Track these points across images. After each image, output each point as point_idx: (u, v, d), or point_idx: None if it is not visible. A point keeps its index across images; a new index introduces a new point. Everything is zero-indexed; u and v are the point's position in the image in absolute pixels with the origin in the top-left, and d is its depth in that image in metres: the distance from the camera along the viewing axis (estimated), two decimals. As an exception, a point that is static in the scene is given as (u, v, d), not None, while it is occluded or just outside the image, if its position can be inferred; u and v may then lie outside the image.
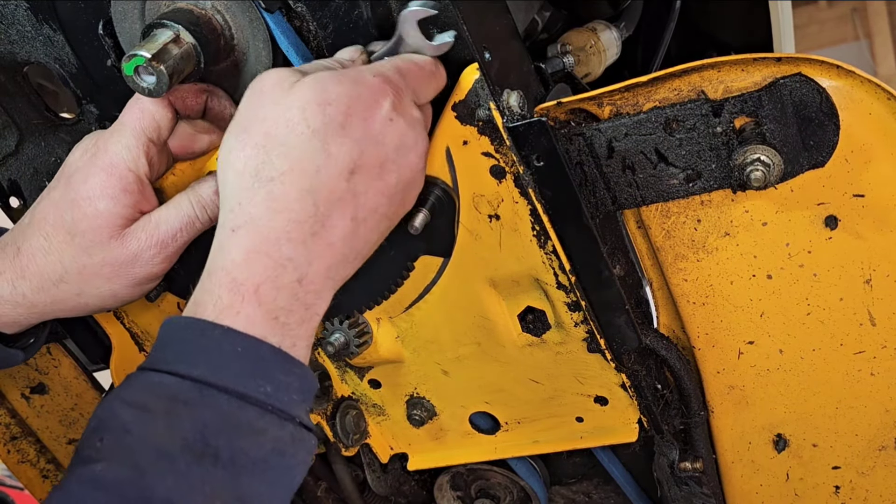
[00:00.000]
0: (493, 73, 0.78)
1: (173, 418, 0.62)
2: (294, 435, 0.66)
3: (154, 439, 0.61)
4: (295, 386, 0.67)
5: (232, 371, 0.65)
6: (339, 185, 0.69)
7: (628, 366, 0.93)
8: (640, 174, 0.81)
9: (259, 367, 0.65)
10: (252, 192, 0.68)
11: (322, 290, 0.70)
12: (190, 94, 0.83)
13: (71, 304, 0.84)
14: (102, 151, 0.81)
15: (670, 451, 1.02)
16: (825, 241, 0.82)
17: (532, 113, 0.79)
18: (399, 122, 0.72)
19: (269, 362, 0.66)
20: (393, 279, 0.90)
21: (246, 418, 0.64)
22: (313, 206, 0.68)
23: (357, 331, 0.95)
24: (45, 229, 0.82)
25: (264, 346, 0.66)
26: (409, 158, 0.73)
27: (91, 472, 0.61)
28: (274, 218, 0.68)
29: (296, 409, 0.67)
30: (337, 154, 0.69)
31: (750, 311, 0.88)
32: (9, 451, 1.19)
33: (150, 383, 0.65)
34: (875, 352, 0.87)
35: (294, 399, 0.67)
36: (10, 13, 0.88)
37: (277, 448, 0.65)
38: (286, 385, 0.66)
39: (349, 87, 0.70)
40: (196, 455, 0.61)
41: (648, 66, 1.21)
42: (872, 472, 0.96)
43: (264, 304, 0.67)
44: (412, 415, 1.05)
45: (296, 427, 0.67)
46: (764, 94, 0.75)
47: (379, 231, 0.74)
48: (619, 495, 1.19)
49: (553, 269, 0.86)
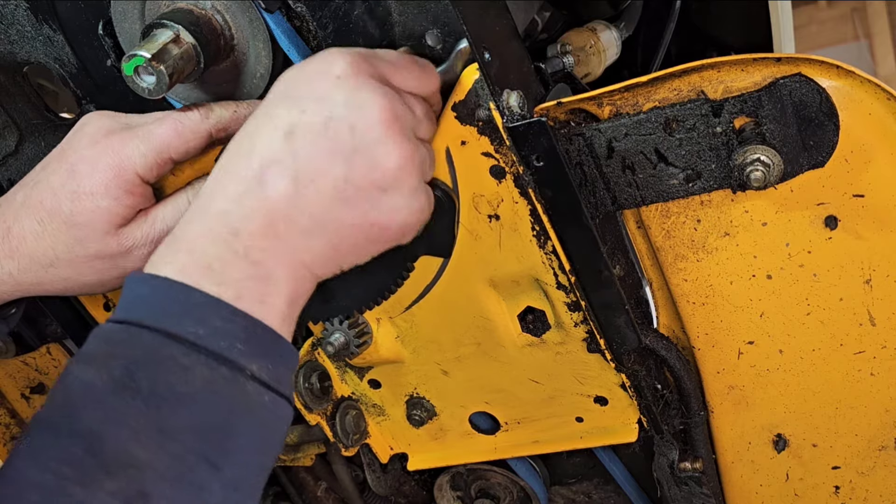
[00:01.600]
0: (493, 73, 0.78)
1: (106, 359, 0.64)
2: (227, 377, 0.65)
3: (85, 377, 0.63)
4: (240, 336, 0.66)
5: (161, 312, 0.66)
6: (274, 144, 0.70)
7: (628, 366, 0.93)
8: (639, 174, 0.81)
9: (190, 311, 0.66)
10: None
11: (270, 249, 0.69)
12: (234, 125, 0.84)
13: (57, 287, 0.85)
14: (115, 150, 0.81)
15: (670, 451, 1.02)
16: (825, 241, 0.82)
17: (532, 113, 0.79)
18: (347, 83, 0.70)
19: (203, 307, 0.66)
20: (393, 279, 0.90)
21: (170, 353, 0.64)
22: (247, 163, 0.70)
23: (357, 331, 0.95)
24: (40, 214, 0.81)
25: (196, 293, 0.66)
26: (364, 116, 0.70)
27: (34, 416, 0.64)
28: (214, 176, 0.71)
29: (242, 358, 0.66)
30: (275, 114, 0.70)
31: (750, 312, 0.88)
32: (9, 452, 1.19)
33: (95, 334, 0.67)
34: (875, 352, 0.87)
35: (239, 348, 0.66)
36: (10, 13, 0.88)
37: (210, 388, 0.64)
38: (225, 332, 0.66)
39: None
40: (120, 388, 0.62)
41: (648, 66, 1.21)
42: (872, 472, 0.96)
43: (195, 252, 0.68)
44: (412, 415, 1.05)
45: (235, 373, 0.65)
46: (764, 95, 0.75)
47: (339, 201, 0.71)
48: (619, 495, 1.19)
49: (553, 269, 0.86)
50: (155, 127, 0.82)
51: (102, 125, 0.83)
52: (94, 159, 0.81)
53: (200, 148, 0.83)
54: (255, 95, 0.84)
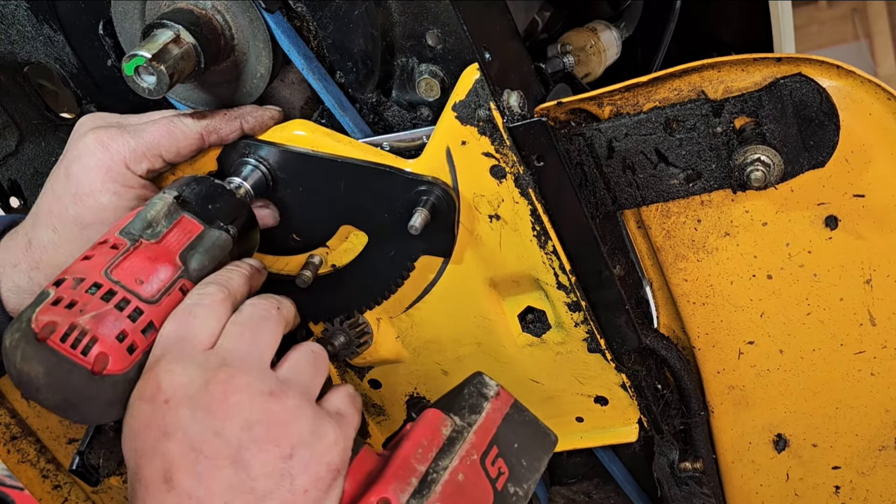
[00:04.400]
0: (493, 73, 0.78)
1: None
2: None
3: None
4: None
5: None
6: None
7: (628, 366, 0.93)
8: (640, 174, 0.81)
9: None
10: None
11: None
12: (224, 127, 0.84)
13: None
14: (104, 146, 0.81)
15: (670, 451, 1.02)
16: (825, 241, 0.82)
17: (532, 113, 0.79)
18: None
19: None
20: (393, 279, 0.90)
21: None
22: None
23: (357, 331, 0.95)
24: (52, 222, 0.82)
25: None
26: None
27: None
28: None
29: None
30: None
31: (750, 312, 0.88)
32: (9, 451, 1.19)
33: None
34: (875, 352, 0.87)
35: None
36: (10, 13, 0.88)
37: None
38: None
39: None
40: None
41: (648, 66, 1.21)
42: (872, 472, 0.96)
43: None
44: (412, 415, 1.05)
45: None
46: (764, 95, 0.75)
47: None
48: (619, 495, 1.19)
49: (553, 269, 0.86)
50: (147, 126, 0.82)
51: (94, 125, 0.83)
52: (85, 159, 0.81)
53: (193, 150, 0.83)
54: (256, 95, 0.84)
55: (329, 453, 0.68)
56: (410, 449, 0.71)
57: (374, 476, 0.70)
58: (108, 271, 0.70)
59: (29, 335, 0.66)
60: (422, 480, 0.70)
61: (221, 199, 0.79)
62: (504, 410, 0.78)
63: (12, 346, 0.66)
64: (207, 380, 0.66)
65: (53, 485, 1.22)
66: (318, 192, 0.86)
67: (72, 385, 0.66)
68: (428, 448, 0.72)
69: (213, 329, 0.70)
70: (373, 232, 0.87)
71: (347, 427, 0.71)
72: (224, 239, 0.77)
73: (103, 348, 0.66)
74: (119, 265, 0.70)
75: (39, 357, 0.65)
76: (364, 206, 0.86)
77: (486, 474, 0.72)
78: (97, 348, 0.66)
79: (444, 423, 0.74)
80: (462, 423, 0.74)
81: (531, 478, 0.76)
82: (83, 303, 0.67)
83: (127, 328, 0.68)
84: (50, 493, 1.22)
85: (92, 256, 0.71)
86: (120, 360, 0.67)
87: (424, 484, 0.69)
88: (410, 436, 0.73)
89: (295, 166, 0.85)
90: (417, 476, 0.70)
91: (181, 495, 0.64)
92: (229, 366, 0.68)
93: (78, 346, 0.66)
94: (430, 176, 0.82)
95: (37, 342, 0.65)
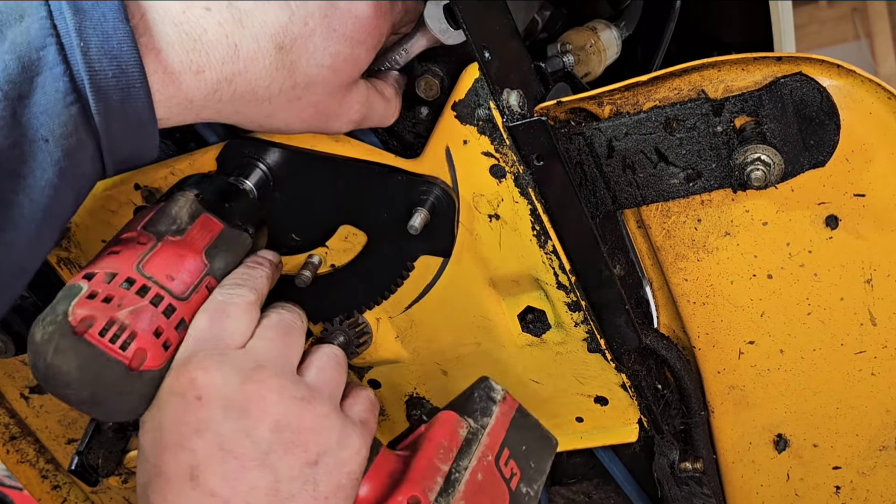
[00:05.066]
0: (493, 72, 0.77)
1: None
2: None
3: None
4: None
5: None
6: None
7: (628, 366, 0.93)
8: (640, 174, 0.81)
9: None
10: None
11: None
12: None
13: (249, 119, 0.73)
14: None
15: (670, 451, 1.02)
16: (826, 240, 0.82)
17: (532, 112, 0.79)
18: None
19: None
20: (393, 279, 0.90)
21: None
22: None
23: (356, 331, 0.95)
24: None
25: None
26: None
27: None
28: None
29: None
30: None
31: (750, 311, 0.88)
32: (8, 451, 1.19)
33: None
34: (876, 352, 0.87)
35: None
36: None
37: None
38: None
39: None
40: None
41: (648, 65, 1.21)
42: (873, 472, 0.96)
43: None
44: (412, 415, 1.05)
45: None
46: (764, 94, 0.74)
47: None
48: (619, 495, 1.19)
49: (553, 268, 0.86)
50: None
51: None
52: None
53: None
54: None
55: (351, 462, 0.69)
56: (433, 449, 0.73)
57: (398, 476, 0.71)
58: (139, 266, 0.70)
59: (65, 329, 0.65)
60: (446, 480, 0.71)
61: (237, 198, 0.80)
62: (511, 414, 0.79)
63: (45, 339, 0.65)
64: (243, 380, 0.67)
65: (52, 485, 1.23)
66: (318, 192, 0.86)
67: (105, 380, 0.65)
68: (448, 448, 0.73)
69: (244, 330, 0.71)
70: (372, 232, 0.87)
71: (369, 436, 0.72)
72: (246, 239, 0.77)
73: (141, 344, 0.66)
74: (150, 260, 0.70)
75: (75, 351, 0.64)
76: (363, 205, 0.86)
77: (501, 475, 0.74)
78: (136, 344, 0.66)
79: (461, 424, 0.76)
80: (476, 426, 0.76)
81: (539, 479, 0.77)
82: (119, 298, 0.67)
83: (162, 324, 0.68)
84: (49, 494, 1.22)
85: (119, 251, 0.71)
86: (156, 356, 0.67)
87: (449, 483, 0.71)
88: (430, 436, 0.74)
89: (294, 165, 0.85)
90: (442, 475, 0.71)
91: (205, 493, 0.64)
92: (264, 368, 0.68)
93: (117, 342, 0.65)
94: (430, 175, 0.82)
95: (73, 336, 0.65)
